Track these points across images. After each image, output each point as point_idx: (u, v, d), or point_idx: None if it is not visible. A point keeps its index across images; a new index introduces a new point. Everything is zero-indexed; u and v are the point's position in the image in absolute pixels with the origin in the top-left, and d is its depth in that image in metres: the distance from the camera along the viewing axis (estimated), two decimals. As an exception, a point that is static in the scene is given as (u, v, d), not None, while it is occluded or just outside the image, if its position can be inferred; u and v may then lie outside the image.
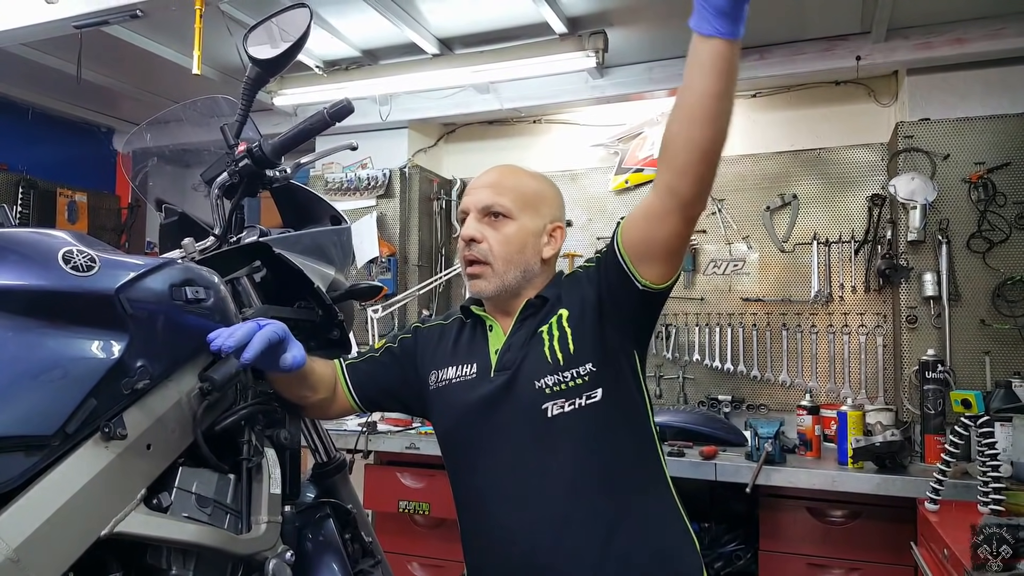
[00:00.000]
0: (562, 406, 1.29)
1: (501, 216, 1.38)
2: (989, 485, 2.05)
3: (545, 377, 1.30)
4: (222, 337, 1.11)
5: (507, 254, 1.37)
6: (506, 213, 1.38)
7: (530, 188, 1.43)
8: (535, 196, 1.42)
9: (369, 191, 3.89)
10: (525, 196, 1.40)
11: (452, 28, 3.22)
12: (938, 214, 2.97)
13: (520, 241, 1.38)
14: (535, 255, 1.40)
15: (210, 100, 1.60)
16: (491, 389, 1.34)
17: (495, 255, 1.37)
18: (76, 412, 0.94)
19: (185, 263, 1.20)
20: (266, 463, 1.23)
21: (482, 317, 1.44)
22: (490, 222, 1.38)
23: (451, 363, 1.42)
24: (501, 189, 1.39)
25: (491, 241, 1.37)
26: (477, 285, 1.39)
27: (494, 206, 1.38)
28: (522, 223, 1.39)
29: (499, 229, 1.38)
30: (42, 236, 1.04)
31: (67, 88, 3.64)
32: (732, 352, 3.43)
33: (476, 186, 1.43)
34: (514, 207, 1.38)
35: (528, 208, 1.40)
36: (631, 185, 3.69)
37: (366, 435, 3.03)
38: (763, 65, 3.23)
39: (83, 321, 0.99)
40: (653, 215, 1.23)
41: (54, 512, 0.89)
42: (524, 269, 1.39)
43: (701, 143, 1.12)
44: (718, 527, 2.92)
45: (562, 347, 1.32)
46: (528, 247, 1.40)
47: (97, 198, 4.56)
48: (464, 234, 1.39)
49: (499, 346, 1.38)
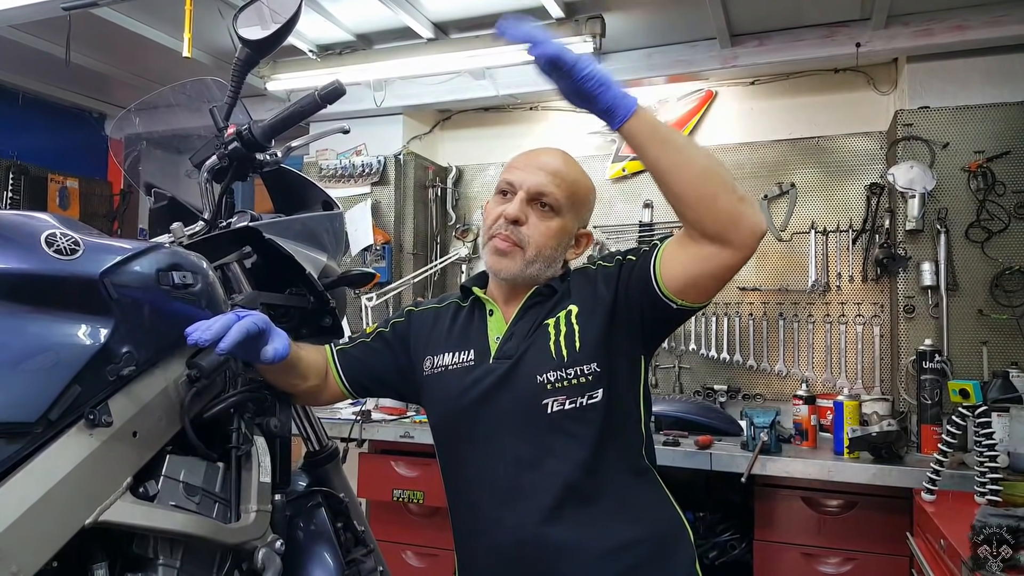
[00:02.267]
0: (562, 403, 1.26)
1: (549, 208, 1.33)
2: (986, 475, 2.05)
3: (548, 372, 1.27)
4: (200, 330, 1.08)
5: (542, 246, 1.33)
6: (555, 207, 1.33)
7: (583, 187, 1.38)
8: (584, 197, 1.39)
9: (363, 178, 3.86)
10: (577, 194, 1.36)
11: (447, 12, 3.19)
12: (937, 203, 2.95)
13: (558, 239, 1.35)
14: (562, 255, 1.38)
15: (199, 83, 1.57)
16: (490, 377, 1.31)
17: (531, 243, 1.32)
18: (59, 399, 0.93)
19: (172, 247, 1.18)
20: (255, 451, 1.21)
21: (483, 300, 1.40)
22: (536, 209, 1.33)
23: (447, 349, 1.38)
24: (560, 180, 1.33)
25: (533, 229, 1.32)
26: (501, 263, 1.33)
27: (548, 196, 1.32)
28: (564, 222, 1.35)
29: (543, 220, 1.33)
30: (25, 219, 1.02)
31: (58, 73, 3.59)
32: (728, 341, 3.42)
33: (533, 165, 1.35)
34: (565, 203, 1.34)
35: (574, 207, 1.36)
36: (628, 173, 3.67)
37: (360, 424, 3.01)
38: (761, 52, 3.20)
39: (67, 306, 0.97)
40: (691, 253, 1.21)
41: (36, 500, 0.88)
42: (549, 265, 1.35)
43: (679, 195, 1.16)
44: (713, 517, 2.91)
45: (568, 344, 1.28)
46: (560, 246, 1.36)
47: (89, 184, 4.52)
48: (509, 212, 1.31)
49: (500, 333, 1.35)
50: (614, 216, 3.70)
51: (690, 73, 3.39)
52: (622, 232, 3.66)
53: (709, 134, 3.59)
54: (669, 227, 3.56)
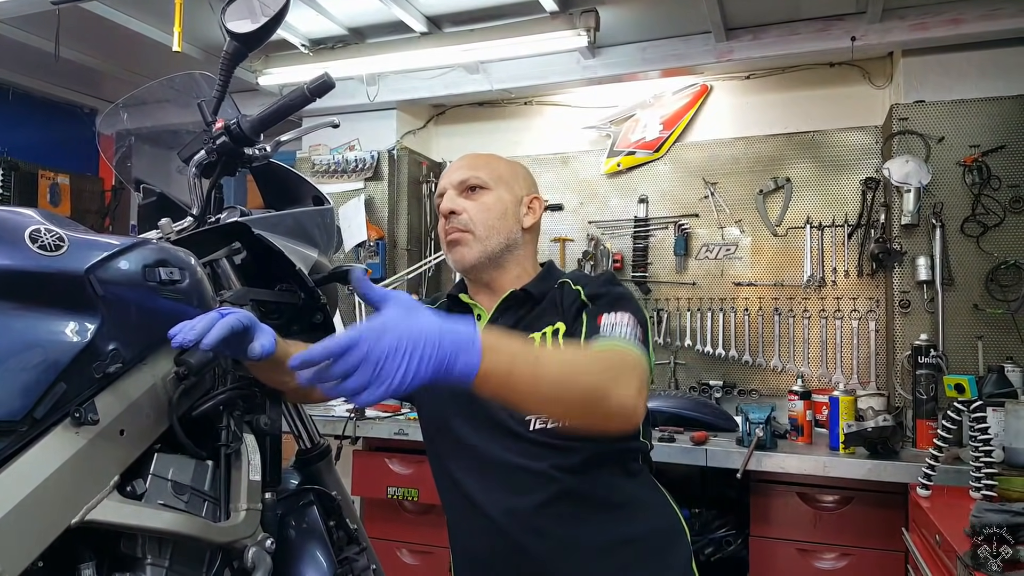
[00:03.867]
0: (545, 421, 1.26)
1: (478, 188, 1.41)
2: (981, 470, 2.04)
3: None
4: (183, 331, 1.04)
5: (488, 220, 1.39)
6: (482, 185, 1.41)
7: (502, 165, 1.46)
8: (508, 172, 1.45)
9: (357, 174, 3.84)
10: (499, 171, 1.44)
11: (441, 5, 3.17)
12: (932, 197, 2.95)
13: (500, 209, 1.40)
14: (515, 223, 1.42)
15: (187, 77, 1.55)
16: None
17: (476, 222, 1.38)
18: (44, 396, 0.91)
19: (159, 243, 1.16)
20: (245, 449, 1.19)
21: (470, 305, 1.41)
22: (467, 195, 1.41)
23: None
24: (475, 166, 1.43)
25: (471, 211, 1.39)
26: (459, 252, 1.39)
27: (470, 179, 1.41)
28: (499, 194, 1.41)
29: (477, 199, 1.40)
30: (9, 214, 1.01)
31: (48, 68, 3.57)
32: (724, 337, 3.42)
33: (450, 172, 1.46)
34: (490, 180, 1.41)
35: (502, 182, 1.43)
36: (623, 168, 3.66)
37: (354, 421, 3.00)
38: (757, 46, 3.19)
39: (51, 302, 0.96)
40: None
41: (21, 500, 0.86)
42: (507, 236, 1.40)
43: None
44: (708, 512, 2.91)
45: None
46: (508, 215, 1.41)
47: (80, 180, 4.48)
48: (444, 207, 1.40)
49: None
50: (609, 211, 3.69)
51: (685, 67, 3.38)
52: (617, 227, 3.65)
53: (704, 129, 3.58)
54: (664, 222, 3.56)
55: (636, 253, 3.59)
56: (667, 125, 3.60)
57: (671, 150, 3.60)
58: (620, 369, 1.08)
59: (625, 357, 1.12)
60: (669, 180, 3.60)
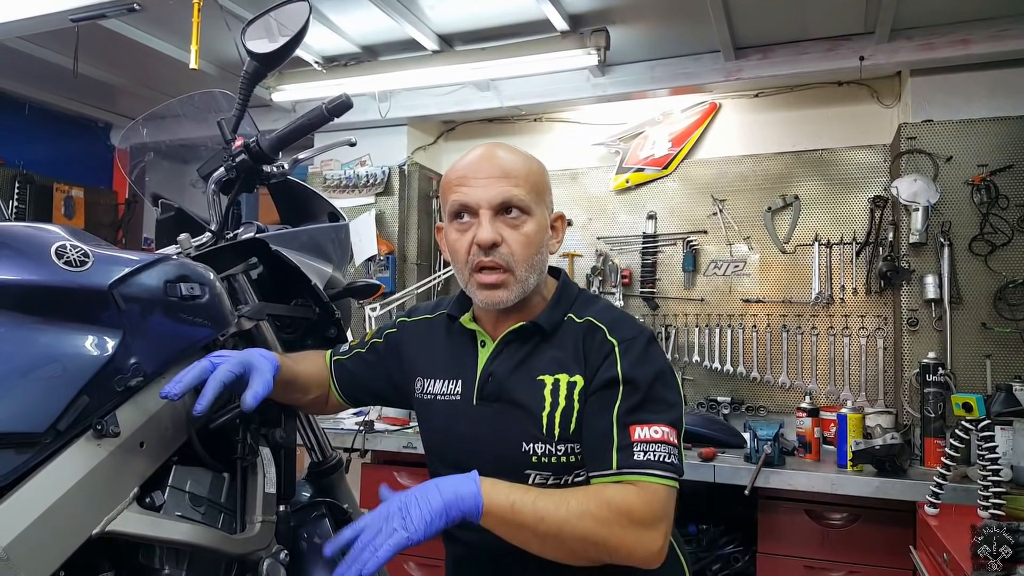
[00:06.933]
0: (545, 478, 1.18)
1: (519, 212, 1.18)
2: (989, 489, 2.03)
3: (535, 443, 1.18)
4: (172, 384, 1.04)
5: (529, 258, 1.19)
6: (525, 208, 1.18)
7: (535, 171, 1.23)
8: (541, 181, 1.24)
9: (368, 188, 3.88)
10: (536, 184, 1.21)
11: (452, 24, 3.21)
12: (940, 216, 2.95)
13: (539, 241, 1.21)
14: (546, 253, 1.24)
15: (207, 95, 1.58)
16: (473, 428, 1.24)
17: (518, 260, 1.18)
18: (68, 409, 0.93)
19: (180, 259, 1.18)
20: (261, 462, 1.21)
21: (475, 333, 1.30)
22: (506, 220, 1.18)
23: (436, 375, 1.32)
24: (515, 179, 1.18)
25: (512, 244, 1.18)
26: (496, 296, 1.19)
27: (512, 200, 1.17)
28: (539, 218, 1.21)
29: (519, 228, 1.18)
30: (35, 230, 1.03)
31: (65, 83, 3.61)
32: (732, 353, 3.42)
33: (479, 175, 1.19)
34: (531, 200, 1.19)
35: (540, 198, 1.22)
36: (632, 184, 3.68)
37: (363, 434, 3.01)
38: (766, 65, 3.22)
39: (76, 317, 0.98)
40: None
41: (45, 510, 0.88)
42: (540, 271, 1.23)
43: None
44: (716, 529, 2.91)
45: (564, 420, 1.17)
46: (544, 246, 1.22)
47: (94, 193, 4.54)
48: (484, 239, 1.16)
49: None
50: (618, 227, 3.71)
51: (694, 85, 3.40)
52: (626, 243, 3.67)
53: (713, 146, 3.60)
54: (673, 238, 3.58)
55: (644, 269, 3.61)
56: (676, 142, 3.62)
57: (680, 167, 3.62)
58: (650, 522, 1.06)
59: (654, 507, 1.07)
60: (678, 197, 3.62)
